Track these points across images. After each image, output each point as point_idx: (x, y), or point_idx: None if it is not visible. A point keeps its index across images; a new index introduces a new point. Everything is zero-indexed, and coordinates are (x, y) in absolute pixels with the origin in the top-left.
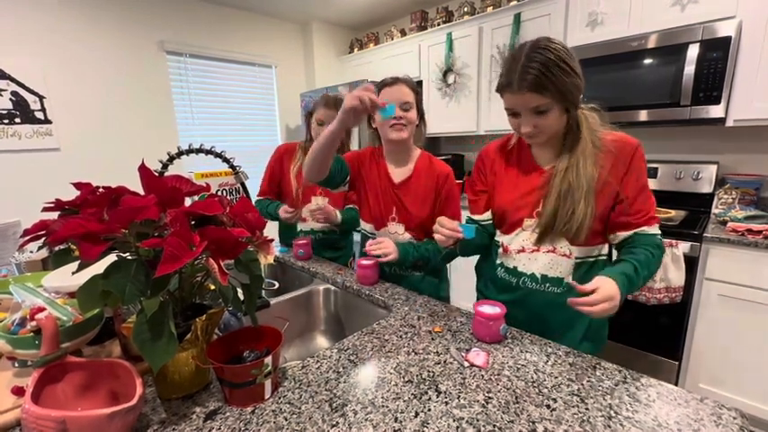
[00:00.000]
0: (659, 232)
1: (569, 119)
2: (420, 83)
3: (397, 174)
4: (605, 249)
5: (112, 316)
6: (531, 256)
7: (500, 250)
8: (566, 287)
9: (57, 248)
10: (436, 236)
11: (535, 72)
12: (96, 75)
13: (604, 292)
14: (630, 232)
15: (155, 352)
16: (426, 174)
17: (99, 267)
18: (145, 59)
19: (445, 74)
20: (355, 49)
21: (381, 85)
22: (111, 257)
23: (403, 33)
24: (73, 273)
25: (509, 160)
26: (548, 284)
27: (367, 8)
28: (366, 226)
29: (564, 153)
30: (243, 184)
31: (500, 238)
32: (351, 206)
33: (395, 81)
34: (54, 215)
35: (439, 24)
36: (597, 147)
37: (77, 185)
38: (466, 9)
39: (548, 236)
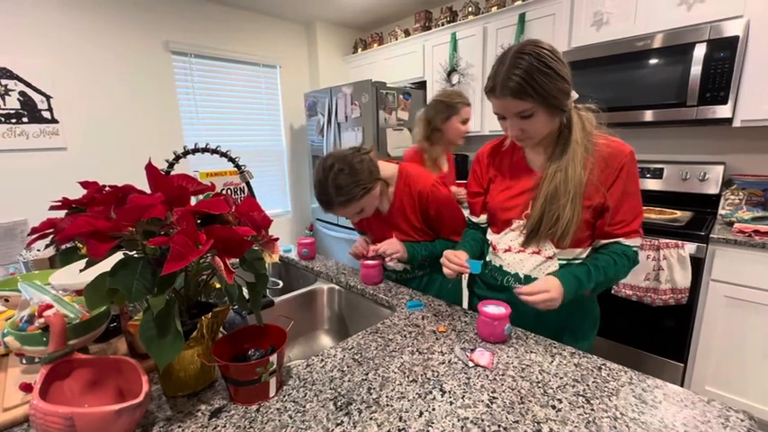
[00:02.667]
0: (636, 244)
1: (561, 121)
2: (424, 83)
3: (384, 202)
4: (588, 252)
5: (119, 314)
6: (517, 256)
7: (490, 248)
8: None
9: (64, 247)
10: (444, 270)
11: (517, 78)
12: (102, 74)
13: (545, 283)
14: (609, 241)
15: (161, 349)
16: (407, 195)
17: (106, 265)
18: (150, 59)
19: (449, 74)
20: (359, 50)
21: None
22: (118, 255)
23: (407, 33)
24: (80, 270)
25: (503, 161)
26: None
27: (371, 8)
28: None
29: (555, 156)
30: (248, 183)
31: (490, 236)
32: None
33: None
34: (61, 214)
35: (443, 24)
36: (589, 151)
37: (84, 184)
38: (470, 9)
39: (534, 238)
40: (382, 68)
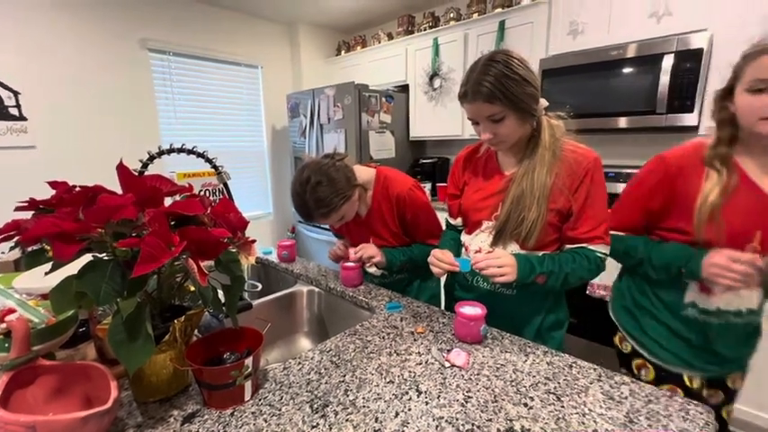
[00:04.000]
0: (601, 250)
1: (532, 126)
2: (407, 86)
3: (362, 206)
4: None
5: (87, 318)
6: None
7: (463, 249)
8: (515, 290)
9: (30, 249)
10: (433, 269)
11: (487, 84)
12: (75, 71)
13: (497, 252)
14: (574, 246)
15: (130, 353)
16: (385, 198)
17: (73, 268)
18: (126, 57)
19: (432, 78)
20: (342, 52)
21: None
22: (86, 258)
23: (390, 37)
24: (46, 273)
25: (478, 164)
26: (497, 286)
27: (354, 11)
28: None
29: (524, 159)
30: (225, 185)
31: (463, 237)
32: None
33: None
34: (28, 215)
35: (426, 29)
36: (557, 156)
37: (53, 184)
38: (452, 15)
39: (501, 237)
40: (365, 71)
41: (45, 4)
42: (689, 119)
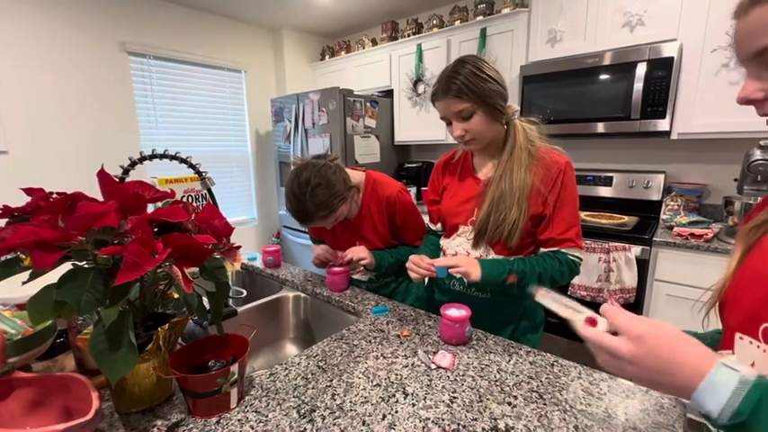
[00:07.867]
0: (573, 253)
1: (503, 125)
2: (391, 92)
3: (353, 208)
4: None
5: (66, 328)
6: None
7: (441, 253)
8: (489, 294)
9: (4, 258)
10: (411, 274)
11: (456, 81)
12: (51, 74)
13: (459, 257)
14: (547, 249)
15: (113, 363)
16: (375, 201)
17: (50, 277)
18: (105, 60)
19: (415, 84)
20: (326, 57)
21: None
22: (65, 267)
23: (374, 43)
24: (23, 283)
25: (454, 170)
26: (473, 289)
27: (338, 17)
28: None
29: (501, 162)
30: (209, 190)
31: (442, 242)
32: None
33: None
34: (0, 223)
35: (409, 35)
36: (533, 156)
37: (28, 191)
38: (435, 22)
39: (482, 240)
40: (350, 76)
41: (19, 4)
42: (661, 124)
